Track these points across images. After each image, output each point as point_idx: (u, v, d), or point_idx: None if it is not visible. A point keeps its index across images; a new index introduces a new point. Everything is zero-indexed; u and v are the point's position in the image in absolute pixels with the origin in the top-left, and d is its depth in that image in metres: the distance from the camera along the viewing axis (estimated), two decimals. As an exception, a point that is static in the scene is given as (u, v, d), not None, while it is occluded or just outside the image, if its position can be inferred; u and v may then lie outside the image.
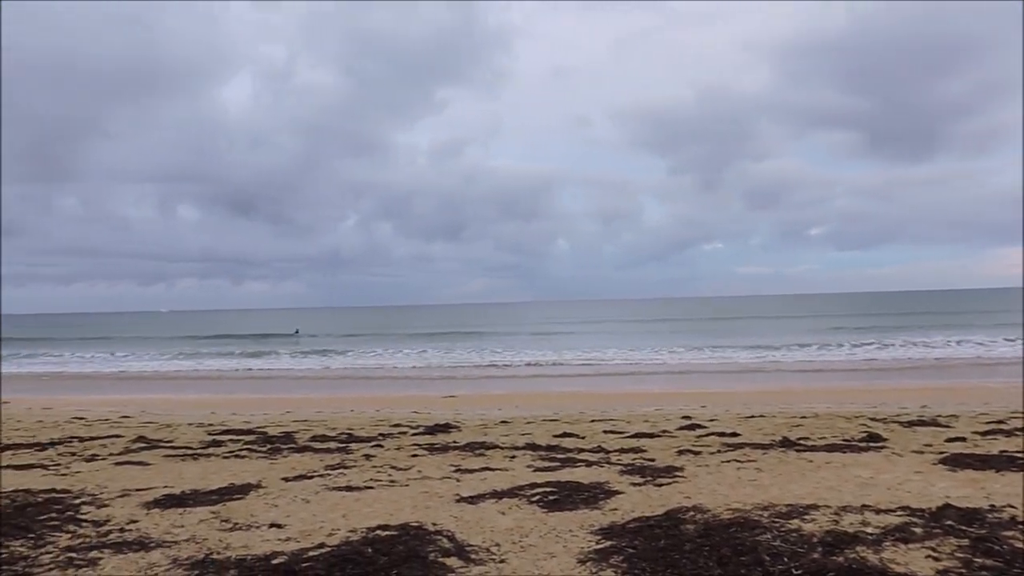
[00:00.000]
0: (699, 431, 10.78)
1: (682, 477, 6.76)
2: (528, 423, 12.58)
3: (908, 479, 6.40)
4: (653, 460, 7.91)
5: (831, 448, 8.47)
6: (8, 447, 10.07)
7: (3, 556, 4.52)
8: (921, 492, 5.84)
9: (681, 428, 11.19)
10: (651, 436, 10.24)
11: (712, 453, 8.33)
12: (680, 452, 8.47)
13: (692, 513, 5.23)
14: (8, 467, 8.17)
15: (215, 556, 4.50)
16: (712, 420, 12.28)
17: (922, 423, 11.08)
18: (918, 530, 4.66)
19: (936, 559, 4.13)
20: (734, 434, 10.22)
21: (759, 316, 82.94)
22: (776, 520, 4.98)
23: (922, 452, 8.07)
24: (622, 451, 8.73)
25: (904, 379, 23.94)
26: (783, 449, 8.51)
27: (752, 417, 12.79)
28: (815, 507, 5.31)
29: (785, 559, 4.16)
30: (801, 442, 9.12)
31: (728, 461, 7.66)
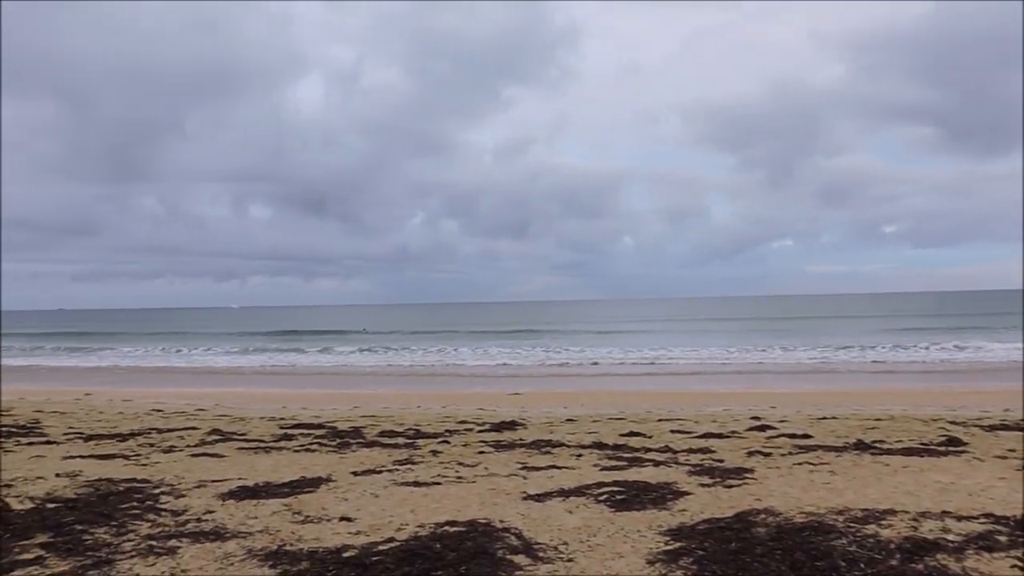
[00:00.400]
0: (769, 432, 10.58)
1: (752, 479, 6.64)
2: (594, 421, 12.52)
3: (991, 485, 6.17)
4: (722, 461, 7.79)
5: (908, 452, 8.23)
6: (92, 437, 10.46)
7: (88, 542, 4.69)
8: (1005, 499, 5.62)
9: (750, 429, 11.00)
10: (719, 436, 10.09)
11: (783, 455, 8.17)
12: (750, 453, 8.32)
13: (764, 516, 5.13)
14: (91, 456, 8.48)
15: (288, 548, 4.59)
16: (782, 421, 12.03)
17: (1005, 427, 10.68)
18: (1003, 538, 4.49)
19: None
20: (806, 436, 10.00)
21: (830, 315, 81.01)
22: (852, 525, 4.85)
23: (1005, 457, 7.78)
24: (690, 451, 8.62)
25: (985, 381, 23.07)
26: (857, 452, 8.30)
27: (824, 419, 12.50)
28: (892, 512, 5.16)
29: (861, 565, 4.05)
30: (876, 445, 8.87)
31: (800, 463, 7.50)
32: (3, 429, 11.48)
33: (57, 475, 7.10)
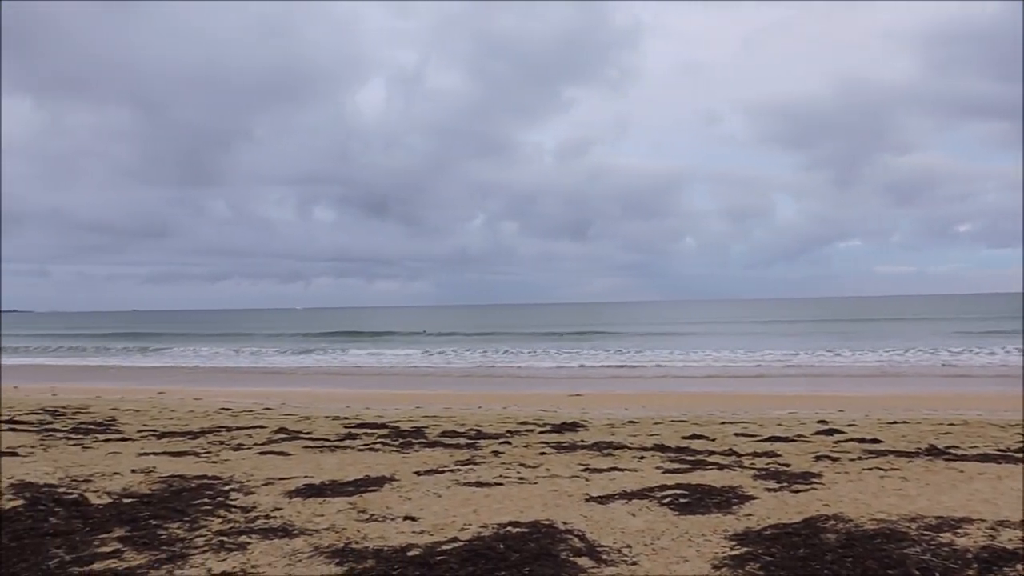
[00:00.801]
0: (837, 436, 10.35)
1: (820, 484, 6.50)
2: (656, 424, 12.42)
3: (1073, 494, 5.92)
4: (788, 465, 7.64)
5: (984, 458, 7.95)
6: (164, 435, 10.76)
7: (162, 537, 4.82)
8: (1089, 509, 5.39)
9: (817, 433, 10.77)
10: (785, 440, 9.91)
11: (852, 460, 7.98)
12: (817, 458, 8.15)
13: (833, 522, 5.02)
14: (164, 453, 8.73)
15: (354, 546, 4.65)
16: (850, 425, 11.76)
17: (1087, 434, 10.26)
18: (1087, 550, 4.31)
19: (1109, 582, 3.81)
20: (875, 440, 9.75)
21: (899, 317, 78.80)
22: (925, 533, 4.71)
23: (1089, 465, 7.46)
24: (755, 455, 8.48)
25: (1064, 386, 22.18)
26: (930, 457, 8.06)
27: (894, 423, 12.18)
28: (968, 520, 4.99)
29: (936, 574, 3.93)
30: (950, 451, 8.61)
31: (870, 469, 7.31)
32: (81, 426, 11.89)
33: (133, 471, 7.32)
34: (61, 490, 6.21)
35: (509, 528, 4.98)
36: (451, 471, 7.44)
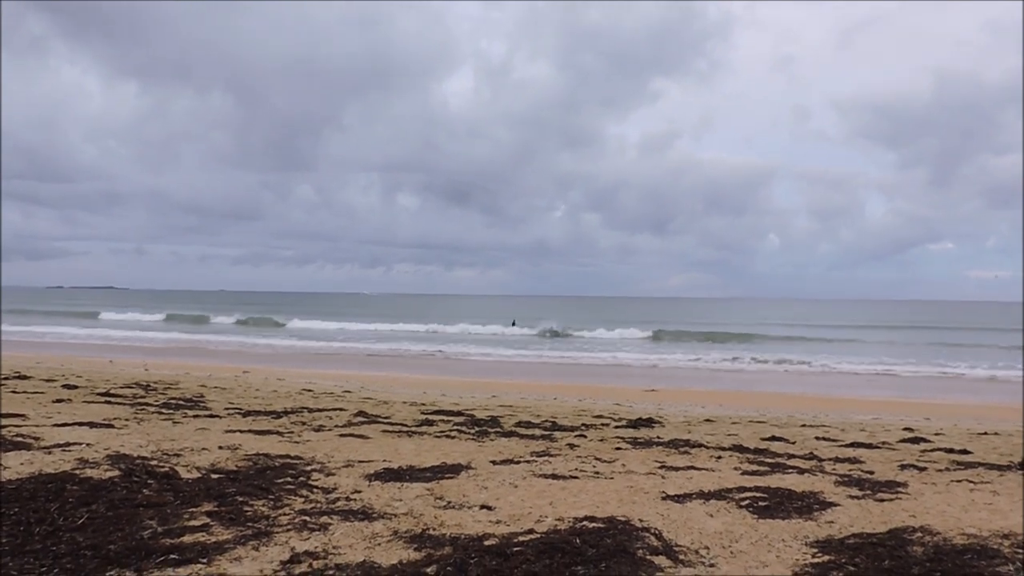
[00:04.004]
0: (923, 445, 10.00)
1: (906, 494, 6.29)
2: (734, 423, 12.22)
3: None
4: (872, 473, 7.42)
5: (1083, 475, 7.57)
6: (249, 413, 11.10)
7: (248, 513, 4.97)
8: None
9: (903, 441, 10.43)
10: (869, 447, 9.62)
11: (939, 470, 7.69)
12: (903, 467, 7.88)
13: (920, 534, 4.85)
14: (249, 432, 8.99)
15: (431, 532, 4.71)
16: (937, 434, 11.35)
17: None
18: None
19: None
20: (964, 451, 9.38)
21: (994, 325, 75.52)
22: (1019, 551, 4.51)
23: None
24: (837, 460, 8.26)
25: None
26: (1024, 472, 7.71)
27: (985, 434, 11.70)
28: (1066, 541, 4.76)
29: (1032, 596, 3.76)
30: (1046, 466, 8.21)
31: (959, 481, 7.04)
32: (172, 401, 12.36)
33: (220, 448, 7.57)
34: (153, 463, 6.46)
35: (585, 523, 4.97)
36: (527, 462, 7.46)
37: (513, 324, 65.06)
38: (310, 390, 16.10)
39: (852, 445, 9.71)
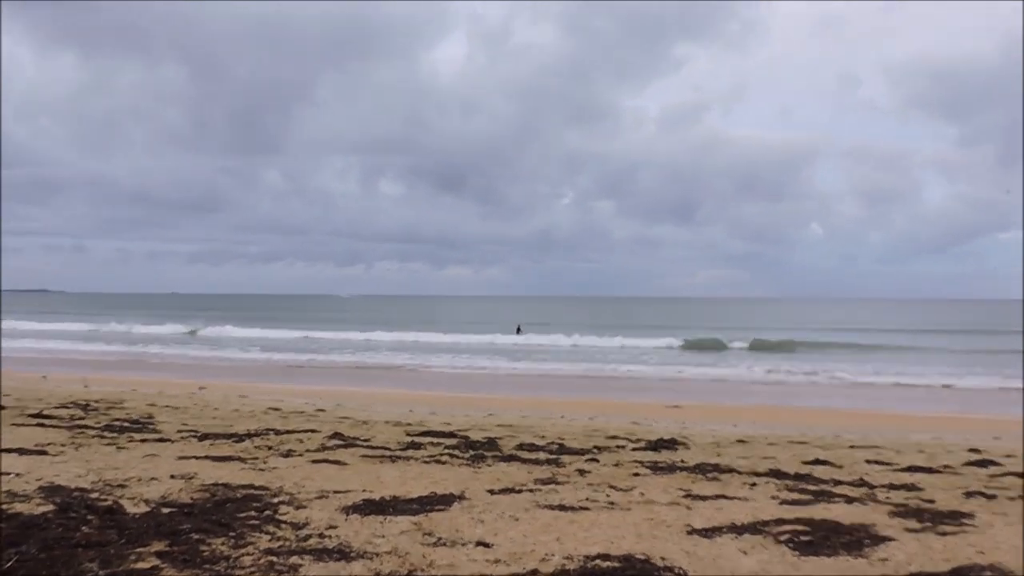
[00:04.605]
0: (992, 469, 10.00)
1: (972, 526, 6.29)
2: (770, 444, 12.22)
3: None
4: (932, 501, 7.42)
5: None
6: (207, 436, 11.10)
7: (205, 553, 4.97)
8: None
9: (968, 464, 10.42)
10: (928, 471, 9.62)
11: (1011, 499, 7.70)
12: (968, 494, 7.89)
13: (988, 574, 4.85)
14: (207, 458, 9.00)
15: (419, 573, 4.71)
16: (1009, 456, 11.34)
17: None
18: None
19: None
20: (1040, 475, 9.38)
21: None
22: (1105, 592, 4.51)
23: None
24: (891, 487, 8.27)
25: None
26: (1109, 499, 7.71)
27: (1063, 454, 11.70)
28: None
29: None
30: None
31: (1034, 510, 7.04)
32: (116, 423, 12.35)
33: (172, 477, 7.57)
34: (94, 495, 6.46)
35: (598, 561, 4.97)
36: (530, 491, 7.46)
37: (518, 331, 64.91)
38: (277, 409, 16.10)
39: (909, 469, 9.70)
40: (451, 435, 12.05)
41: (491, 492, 7.33)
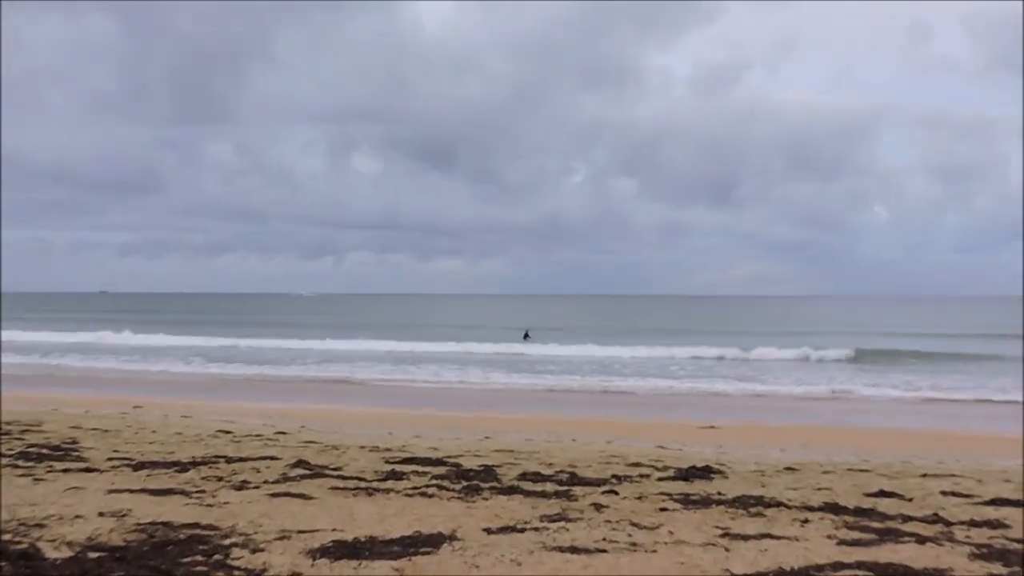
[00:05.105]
0: (1094, 500, 10.00)
1: (1070, 570, 6.29)
2: (825, 472, 12.23)
3: None
4: (1021, 542, 7.42)
5: None
6: (143, 465, 11.08)
7: (141, 607, 4.95)
8: None
9: (1064, 494, 10.43)
10: (1016, 504, 9.62)
11: (1118, 536, 7.69)
12: (1065, 531, 7.88)
13: (1091, 628, 4.84)
14: (143, 491, 8.98)
15: (401, 631, 4.70)
16: (1114, 484, 11.35)
17: None
18: None
19: None
20: None
21: None
22: None
23: None
24: (971, 524, 8.27)
25: None
26: None
27: None
28: None
29: None
30: None
31: None
32: (32, 450, 12.33)
33: (101, 514, 7.55)
34: (6, 537, 6.44)
35: (617, 616, 4.96)
36: (535, 529, 7.45)
37: (526, 337, 64.94)
38: (228, 431, 16.10)
39: (993, 502, 9.70)
40: (439, 462, 12.04)
41: (488, 531, 7.32)
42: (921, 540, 7.35)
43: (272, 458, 12.16)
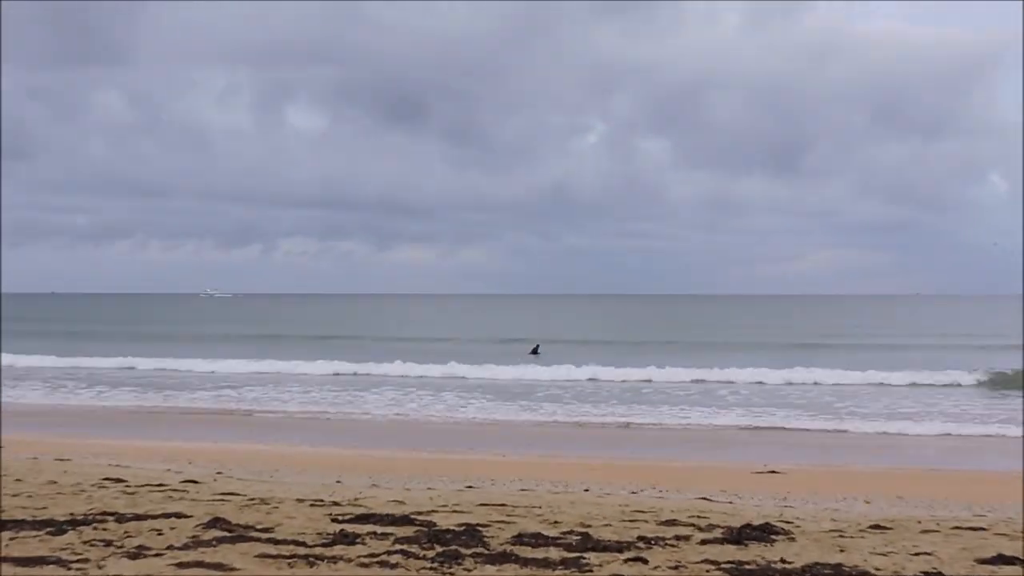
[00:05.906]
0: None
1: None
2: (925, 531, 12.26)
3: None
4: None
5: None
6: (6, 525, 11.04)
7: None
8: None
9: None
10: None
11: None
12: None
13: None
14: (6, 560, 8.97)
15: None
16: None
17: None
18: None
19: None
20: None
21: None
22: None
23: None
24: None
25: None
26: None
27: None
28: None
29: None
30: None
31: None
32: None
33: (-51, 591, 7.56)
34: None
35: None
36: (535, 613, 7.48)
37: (535, 351, 65.26)
38: (120, 479, 16.06)
39: None
40: (405, 520, 12.05)
41: (472, 615, 7.36)
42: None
43: (179, 515, 12.14)
